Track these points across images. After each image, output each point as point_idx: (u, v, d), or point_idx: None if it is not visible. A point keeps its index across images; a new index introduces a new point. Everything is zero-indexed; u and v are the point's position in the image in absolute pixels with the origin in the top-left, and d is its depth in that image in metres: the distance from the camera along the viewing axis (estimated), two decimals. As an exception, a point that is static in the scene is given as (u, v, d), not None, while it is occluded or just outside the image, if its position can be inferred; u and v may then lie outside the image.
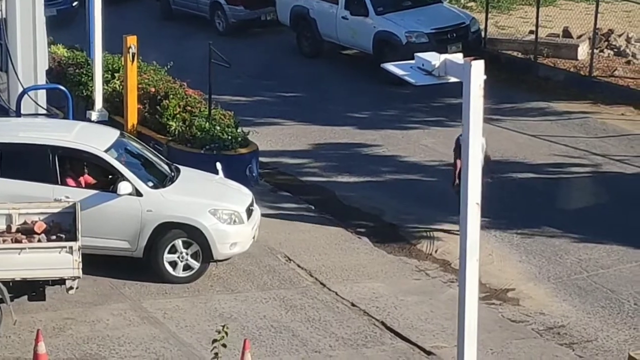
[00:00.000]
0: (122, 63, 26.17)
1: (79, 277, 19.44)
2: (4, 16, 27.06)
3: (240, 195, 22.60)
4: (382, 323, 20.48)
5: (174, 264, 21.70)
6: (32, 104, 26.75)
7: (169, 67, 27.99)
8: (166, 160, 23.14)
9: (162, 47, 30.68)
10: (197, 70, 27.40)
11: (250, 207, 22.29)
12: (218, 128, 25.27)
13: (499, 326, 20.31)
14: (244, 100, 30.19)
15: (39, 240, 19.90)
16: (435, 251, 23.27)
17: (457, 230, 19.60)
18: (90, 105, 26.34)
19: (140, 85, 26.03)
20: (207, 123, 25.39)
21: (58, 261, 19.25)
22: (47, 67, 27.58)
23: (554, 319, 20.74)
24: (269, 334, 19.98)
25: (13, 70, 27.02)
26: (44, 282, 19.45)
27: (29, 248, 19.48)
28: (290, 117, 29.99)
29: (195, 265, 21.74)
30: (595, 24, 32.76)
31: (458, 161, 22.00)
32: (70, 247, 19.28)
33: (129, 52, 25.37)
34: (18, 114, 26.09)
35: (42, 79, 27.24)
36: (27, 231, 20.21)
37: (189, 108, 26.05)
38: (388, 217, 24.85)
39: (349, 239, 23.69)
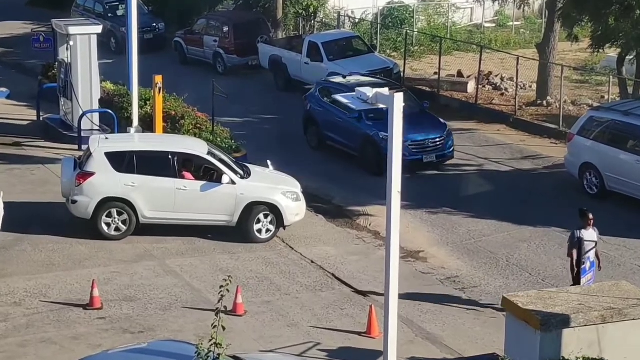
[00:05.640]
0: (152, 94, 26.04)
1: None
2: (69, 61, 27.06)
3: (293, 182, 22.24)
4: (333, 274, 20.45)
5: (259, 231, 21.42)
6: (88, 123, 26.77)
7: (184, 97, 27.80)
8: (232, 158, 22.64)
9: (180, 84, 30.40)
10: (204, 99, 27.22)
11: (301, 190, 22.05)
12: (219, 139, 25.04)
13: (413, 277, 20.33)
14: (237, 120, 29.95)
15: None
16: (370, 225, 23.18)
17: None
18: (130, 123, 26.14)
19: (164, 110, 25.84)
20: (211, 136, 25.20)
21: None
22: (99, 97, 27.59)
23: (451, 272, 20.78)
24: (254, 282, 19.90)
25: (75, 99, 27.02)
26: None
27: None
28: (268, 131, 29.81)
29: (272, 229, 21.48)
30: (480, 67, 32.82)
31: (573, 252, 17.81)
32: None
33: (156, 87, 25.21)
34: (79, 130, 25.99)
35: (96, 105, 27.32)
36: None
37: (199, 126, 25.86)
38: (336, 201, 24.71)
39: (310, 216, 23.33)
